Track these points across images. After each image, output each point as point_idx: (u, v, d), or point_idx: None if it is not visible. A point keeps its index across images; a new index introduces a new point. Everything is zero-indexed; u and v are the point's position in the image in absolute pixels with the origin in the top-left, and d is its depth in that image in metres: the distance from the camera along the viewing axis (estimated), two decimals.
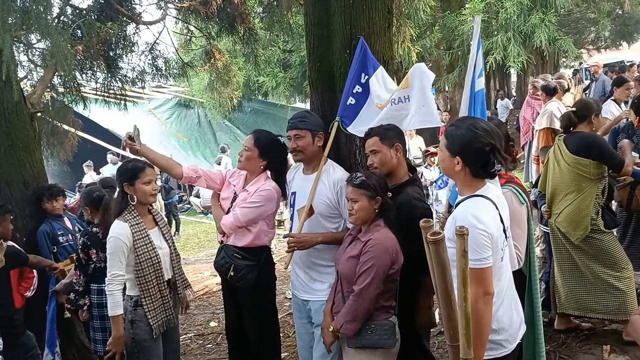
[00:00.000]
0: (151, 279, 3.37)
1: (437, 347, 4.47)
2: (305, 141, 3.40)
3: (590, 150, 4.01)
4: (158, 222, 3.59)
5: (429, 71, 3.42)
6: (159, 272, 3.42)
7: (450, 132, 2.43)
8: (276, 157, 3.67)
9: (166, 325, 3.48)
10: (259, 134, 3.68)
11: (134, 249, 3.32)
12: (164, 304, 3.46)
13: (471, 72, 3.23)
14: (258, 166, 3.63)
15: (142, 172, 3.38)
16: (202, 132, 17.91)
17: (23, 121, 4.81)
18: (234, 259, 3.57)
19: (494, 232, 2.25)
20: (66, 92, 6.59)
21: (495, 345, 2.36)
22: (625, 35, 25.63)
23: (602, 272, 4.09)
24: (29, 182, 4.82)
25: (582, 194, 4.07)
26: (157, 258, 3.41)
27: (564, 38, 11.28)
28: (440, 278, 1.74)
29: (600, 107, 4.44)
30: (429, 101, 3.38)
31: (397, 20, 7.58)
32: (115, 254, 3.29)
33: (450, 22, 11.91)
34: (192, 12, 7.34)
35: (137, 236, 3.34)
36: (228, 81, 8.99)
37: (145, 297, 3.36)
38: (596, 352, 4.05)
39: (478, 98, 3.23)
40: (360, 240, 3.00)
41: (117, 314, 3.30)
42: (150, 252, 3.38)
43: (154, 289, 3.39)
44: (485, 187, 2.41)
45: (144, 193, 3.40)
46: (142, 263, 3.34)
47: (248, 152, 3.61)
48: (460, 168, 2.37)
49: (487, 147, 2.30)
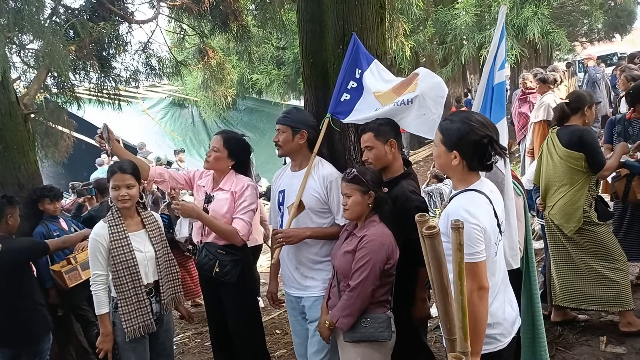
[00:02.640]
0: (126, 281, 3.35)
1: (435, 342, 4.49)
2: (284, 137, 3.45)
3: (581, 144, 4.03)
4: (147, 225, 3.54)
5: (444, 86, 3.35)
6: (135, 276, 3.37)
7: (444, 126, 2.42)
8: (243, 157, 3.82)
9: (143, 331, 3.40)
10: (227, 135, 3.81)
11: (109, 250, 3.34)
12: (141, 309, 3.39)
13: (490, 63, 3.09)
14: (226, 166, 3.77)
15: (112, 176, 3.40)
16: (196, 131, 17.88)
17: (17, 122, 4.79)
18: (218, 255, 3.63)
19: (486, 227, 2.25)
20: (60, 92, 6.57)
21: (490, 339, 2.37)
22: (618, 27, 25.64)
23: (596, 264, 4.10)
24: (23, 184, 4.80)
25: (575, 186, 4.09)
26: (134, 261, 3.37)
27: (556, 31, 11.30)
28: (436, 272, 1.75)
29: (594, 100, 4.44)
30: (435, 116, 3.27)
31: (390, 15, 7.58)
32: (93, 254, 3.35)
33: (443, 17, 11.91)
34: (185, 10, 7.32)
35: (113, 237, 3.35)
36: (222, 79, 8.98)
37: (121, 299, 3.34)
38: (593, 343, 4.08)
39: (497, 92, 3.08)
40: (355, 235, 3.01)
41: (102, 313, 3.34)
42: (125, 255, 3.35)
43: (129, 292, 3.36)
44: (480, 182, 2.41)
45: (114, 197, 3.40)
46: (117, 265, 3.33)
47: (217, 153, 3.71)
48: (457, 162, 2.36)
49: (484, 139, 2.30)
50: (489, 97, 3.09)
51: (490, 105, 3.07)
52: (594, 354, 3.95)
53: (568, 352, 4.04)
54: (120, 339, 3.38)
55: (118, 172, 3.38)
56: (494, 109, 3.05)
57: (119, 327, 3.37)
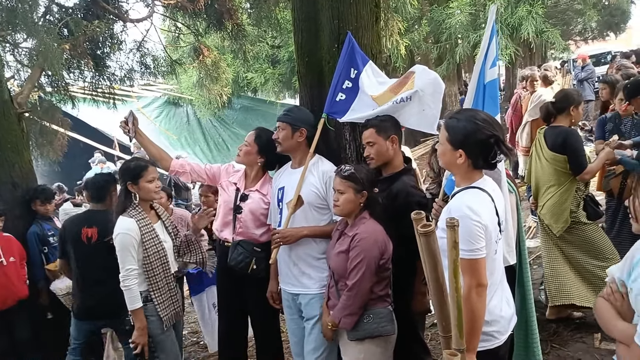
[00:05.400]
0: (159, 272, 3.44)
1: (430, 339, 4.50)
2: (283, 134, 3.47)
3: (565, 146, 4.05)
4: (161, 216, 3.67)
5: (440, 81, 3.36)
6: (166, 266, 3.50)
7: (450, 124, 2.40)
8: (274, 157, 3.74)
9: (175, 318, 3.57)
10: (260, 132, 3.80)
11: (142, 243, 3.38)
12: (172, 297, 3.53)
13: (481, 61, 3.10)
14: (255, 162, 3.75)
15: (145, 170, 3.48)
16: (191, 130, 17.81)
17: (10, 122, 4.78)
18: (255, 253, 3.64)
19: (488, 224, 2.26)
20: (54, 91, 6.55)
21: (487, 336, 2.38)
22: (612, 25, 25.77)
23: (587, 263, 4.13)
24: (17, 183, 4.80)
25: (562, 187, 4.12)
26: (164, 251, 3.48)
27: (551, 30, 11.30)
28: (431, 269, 1.75)
29: (581, 99, 4.45)
30: (434, 111, 3.30)
31: (385, 14, 7.60)
32: (125, 249, 3.34)
33: (437, 16, 11.90)
34: (180, 8, 7.33)
35: (144, 230, 3.40)
36: (217, 78, 8.98)
37: (154, 290, 3.43)
38: (587, 340, 4.09)
39: (488, 90, 3.09)
40: (347, 235, 3.01)
41: (137, 307, 3.37)
42: (157, 246, 3.45)
43: (162, 282, 3.46)
44: (483, 179, 2.41)
45: (148, 190, 3.48)
46: (150, 257, 3.40)
47: (247, 147, 3.74)
48: (462, 160, 2.35)
49: (491, 139, 2.29)
50: (480, 95, 3.10)
51: (483, 103, 3.08)
52: (589, 351, 3.96)
53: (563, 349, 4.06)
54: (155, 331, 3.44)
55: (151, 166, 3.53)
56: (486, 106, 3.05)
57: (151, 320, 3.42)
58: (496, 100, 3.10)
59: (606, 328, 2.04)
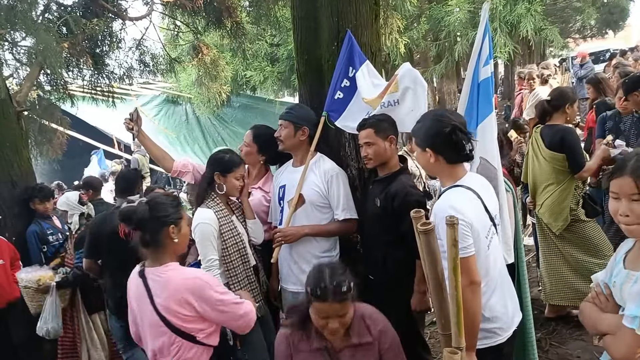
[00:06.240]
0: (238, 264, 3.29)
1: (429, 337, 4.50)
2: (285, 132, 3.48)
3: (562, 145, 4.04)
4: (234, 211, 3.50)
5: (422, 79, 3.38)
6: (245, 258, 3.34)
7: (415, 129, 2.49)
8: (275, 153, 3.72)
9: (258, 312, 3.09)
10: (257, 130, 3.79)
11: (220, 234, 3.25)
12: (252, 290, 3.34)
13: (474, 60, 3.12)
14: (257, 161, 3.77)
15: (238, 167, 3.36)
16: (190, 128, 17.78)
17: (9, 120, 4.78)
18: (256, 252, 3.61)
19: (473, 222, 2.27)
20: (53, 90, 6.54)
21: (490, 333, 2.38)
22: (610, 23, 25.75)
23: (585, 261, 4.13)
24: (16, 182, 4.79)
25: (561, 186, 4.12)
26: (243, 243, 3.34)
27: (549, 28, 11.28)
28: (431, 268, 1.75)
29: (576, 97, 4.45)
30: (422, 109, 3.29)
31: (384, 12, 7.59)
32: (206, 239, 3.19)
33: (436, 13, 11.88)
34: (179, 7, 7.30)
35: (222, 221, 3.28)
36: (216, 76, 8.96)
37: (234, 283, 3.25)
38: (586, 338, 4.09)
39: (482, 88, 3.08)
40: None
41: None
42: (235, 238, 3.31)
43: (242, 275, 3.30)
44: (467, 176, 2.43)
45: (233, 186, 3.35)
46: (229, 248, 3.26)
47: (247, 148, 3.74)
48: (434, 159, 2.40)
49: (446, 129, 2.34)
50: (474, 93, 3.10)
51: (477, 101, 3.08)
52: (588, 349, 3.97)
53: (562, 347, 4.07)
54: None
55: (243, 164, 3.44)
56: (480, 104, 3.06)
57: None
58: (490, 99, 3.09)
59: (593, 325, 2.04)
